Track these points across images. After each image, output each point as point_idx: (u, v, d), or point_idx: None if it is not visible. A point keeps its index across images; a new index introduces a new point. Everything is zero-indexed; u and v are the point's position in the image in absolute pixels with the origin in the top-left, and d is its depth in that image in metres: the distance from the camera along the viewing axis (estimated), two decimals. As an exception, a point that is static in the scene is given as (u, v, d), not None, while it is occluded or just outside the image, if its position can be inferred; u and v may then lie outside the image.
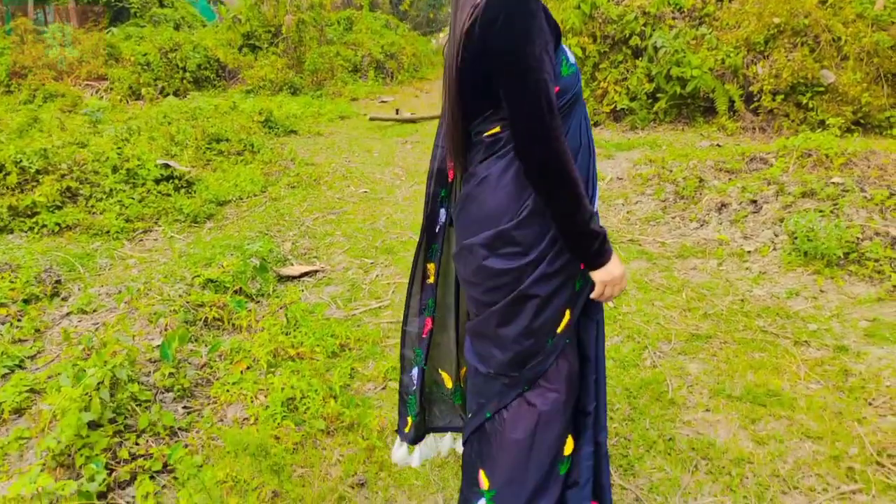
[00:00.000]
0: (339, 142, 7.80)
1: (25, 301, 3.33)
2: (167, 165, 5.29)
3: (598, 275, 1.45)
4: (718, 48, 7.48)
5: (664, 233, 4.44)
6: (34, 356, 2.86)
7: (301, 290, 3.68)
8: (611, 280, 1.45)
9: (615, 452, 2.26)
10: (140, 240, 4.50)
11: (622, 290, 1.52)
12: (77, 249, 4.17)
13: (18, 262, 3.69)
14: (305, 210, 5.16)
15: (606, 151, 6.75)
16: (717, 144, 6.68)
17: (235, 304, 3.33)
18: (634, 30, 7.84)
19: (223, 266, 3.66)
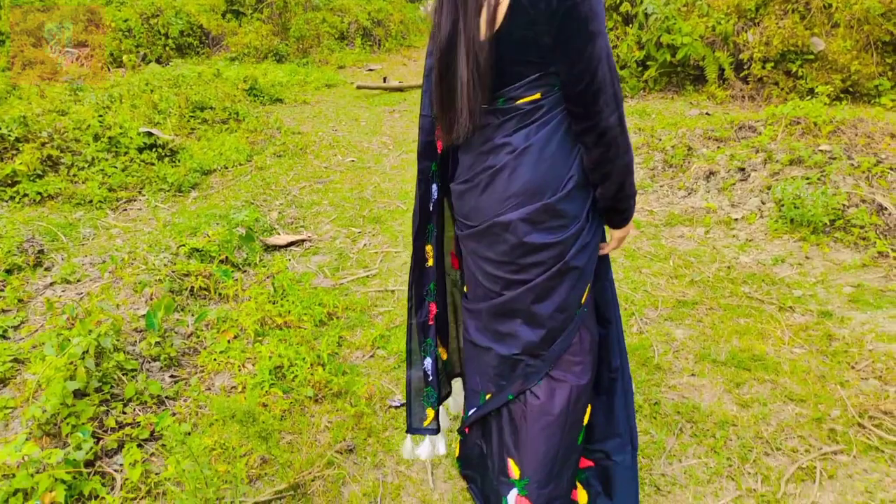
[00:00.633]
0: (326, 110, 7.69)
1: (7, 271, 3.28)
2: (150, 134, 5.20)
3: (621, 232, 1.52)
4: (709, 15, 7.40)
5: (652, 201, 4.44)
6: (17, 326, 2.83)
7: (288, 260, 3.66)
8: (627, 234, 1.54)
9: (601, 417, 2.28)
10: (124, 209, 4.43)
11: None
12: (59, 219, 4.10)
13: (0, 232, 3.64)
14: (292, 179, 5.10)
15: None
16: (707, 113, 6.65)
17: (222, 274, 3.30)
18: (625, -4, 7.73)
19: (209, 235, 3.62)
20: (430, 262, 1.64)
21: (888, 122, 4.68)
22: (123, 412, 2.25)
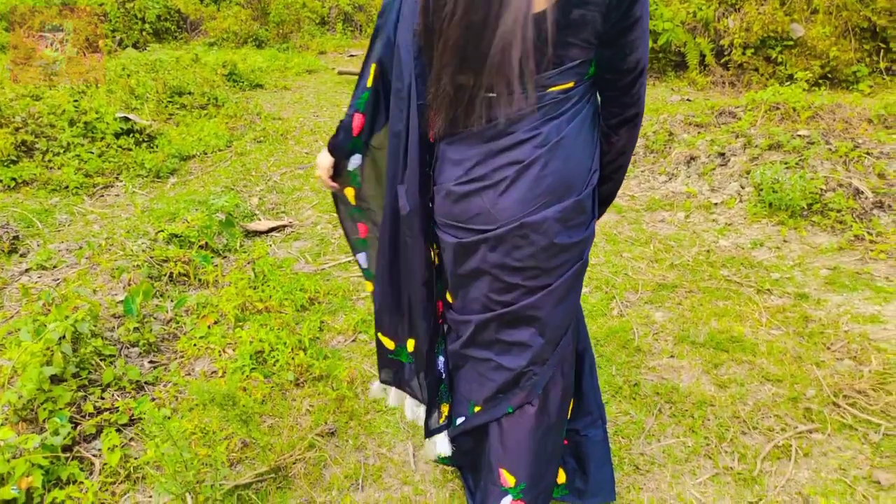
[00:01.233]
0: (307, 96, 7.61)
1: (-19, 258, 3.22)
2: (127, 119, 5.11)
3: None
4: (690, 1, 7.42)
5: (633, 186, 4.46)
6: (-8, 313, 2.78)
7: (269, 245, 3.63)
8: None
9: (582, 398, 2.30)
10: (101, 195, 4.36)
11: None
12: (35, 205, 4.03)
13: (-28, 218, 3.56)
14: (272, 165, 5.05)
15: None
16: (688, 99, 6.69)
17: (201, 259, 3.27)
18: (607, -19, 7.72)
19: (188, 221, 3.57)
20: (437, 260, 1.51)
21: (865, 108, 4.74)
22: (102, 397, 2.23)
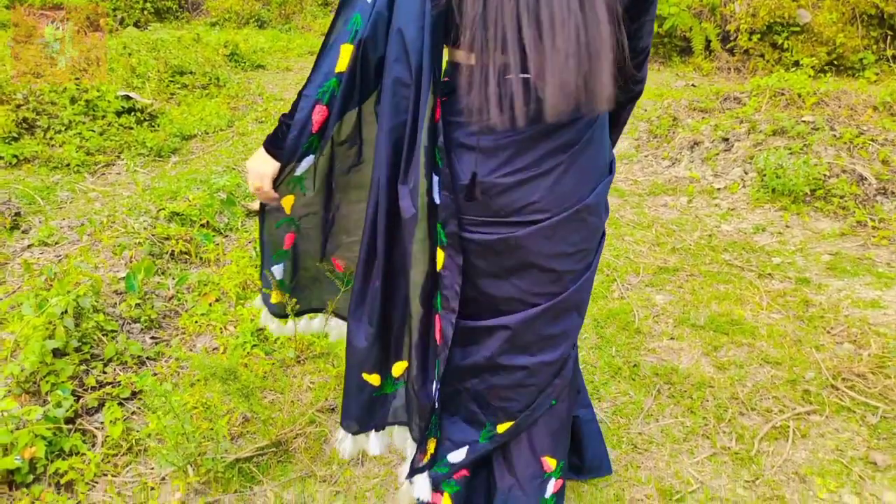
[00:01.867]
0: (310, 77, 7.57)
1: (-17, 233, 3.22)
2: (128, 97, 5.09)
3: None
4: (697, -15, 7.36)
5: (636, 171, 4.45)
6: (-6, 287, 2.79)
7: (270, 225, 3.62)
8: None
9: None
10: (102, 173, 4.36)
11: None
12: (36, 182, 4.02)
13: (-26, 194, 3.56)
14: (274, 145, 5.03)
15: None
16: (692, 84, 6.65)
17: (203, 238, 3.27)
18: (613, -35, 7.65)
19: (189, 200, 3.57)
20: (441, 266, 1.28)
21: (871, 95, 4.71)
22: (104, 372, 2.24)
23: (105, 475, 1.87)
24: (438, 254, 1.27)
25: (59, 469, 1.81)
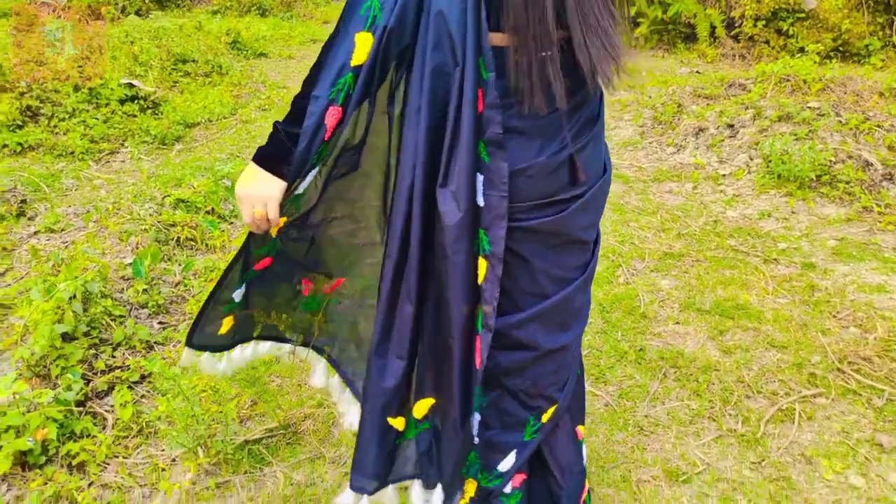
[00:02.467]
0: (312, 65, 7.55)
1: (-11, 220, 3.23)
2: (131, 85, 5.09)
3: None
4: (702, -29, 7.30)
5: (641, 157, 4.44)
6: (2, 273, 2.80)
7: (275, 212, 3.63)
8: None
9: (588, 363, 2.32)
10: (106, 161, 4.36)
11: None
12: (41, 170, 4.03)
13: (-21, 182, 3.57)
14: (278, 133, 5.03)
15: (585, 77, 6.63)
16: (697, 71, 6.61)
17: (208, 224, 3.27)
18: (617, -50, 7.59)
19: (194, 187, 3.57)
20: (482, 279, 1.15)
21: (877, 81, 4.69)
22: (112, 356, 2.26)
23: (116, 457, 1.88)
24: (480, 264, 1.14)
25: (71, 451, 1.83)
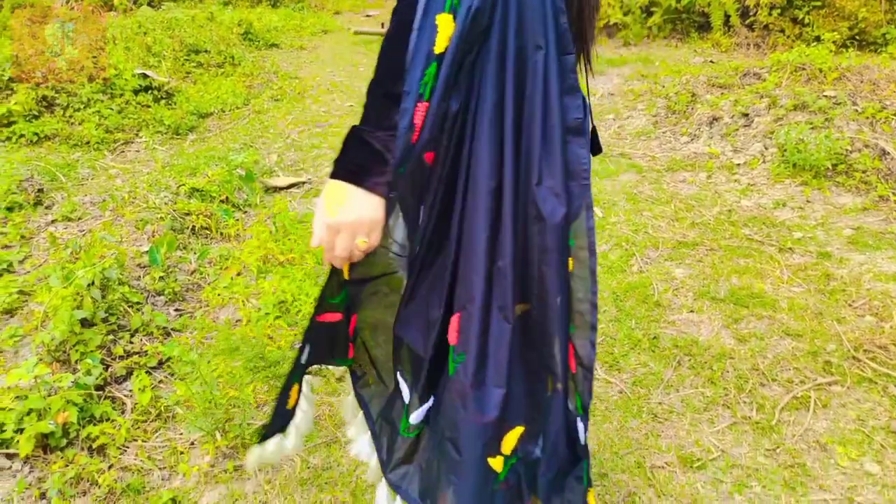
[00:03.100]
0: (323, 56, 7.55)
1: (8, 209, 3.27)
2: (145, 75, 5.12)
3: None
4: (716, -41, 7.22)
5: (654, 147, 4.41)
6: (22, 261, 2.84)
7: (289, 201, 3.65)
8: None
9: (601, 351, 2.32)
10: (121, 151, 4.39)
11: None
12: (57, 159, 4.07)
13: (-2, 171, 3.61)
14: (290, 123, 5.04)
15: (598, 67, 6.59)
16: (711, 61, 6.55)
17: (223, 213, 3.30)
18: (630, -62, 7.53)
19: (208, 176, 3.60)
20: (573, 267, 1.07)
21: (894, 70, 4.63)
22: (130, 342, 2.28)
23: (135, 440, 1.91)
24: (569, 263, 1.04)
25: (91, 434, 1.86)
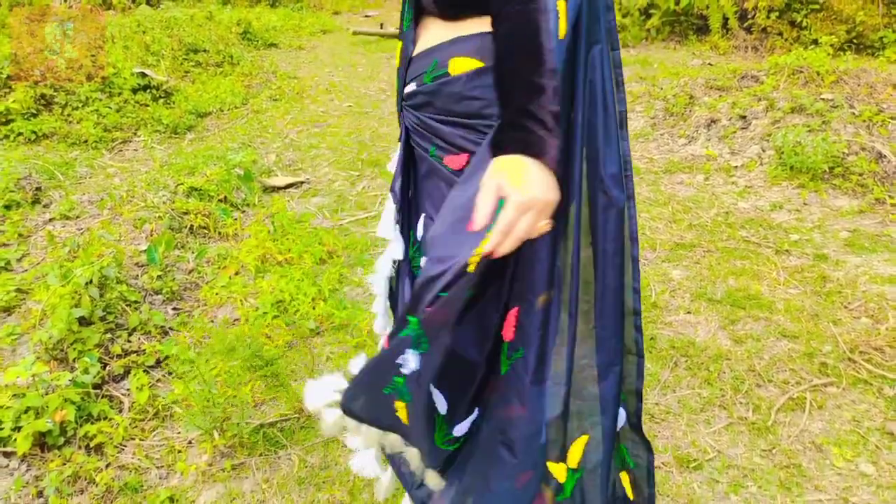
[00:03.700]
0: (322, 56, 7.56)
1: (6, 207, 3.27)
2: (144, 74, 5.11)
3: None
4: (714, -38, 7.24)
5: (652, 149, 4.43)
6: (20, 259, 2.84)
7: (287, 200, 3.65)
8: None
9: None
10: (119, 150, 4.39)
11: None
12: (56, 158, 4.06)
13: (-5, 169, 3.60)
14: (289, 123, 5.05)
15: (596, 69, 6.61)
16: (709, 63, 6.58)
17: (221, 213, 3.30)
18: (629, -59, 7.55)
19: (207, 175, 3.60)
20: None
21: (891, 73, 4.65)
22: (128, 341, 2.28)
23: (133, 439, 1.91)
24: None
25: (89, 432, 1.86)
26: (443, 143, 1.03)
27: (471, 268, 0.87)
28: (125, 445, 1.90)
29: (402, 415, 1.00)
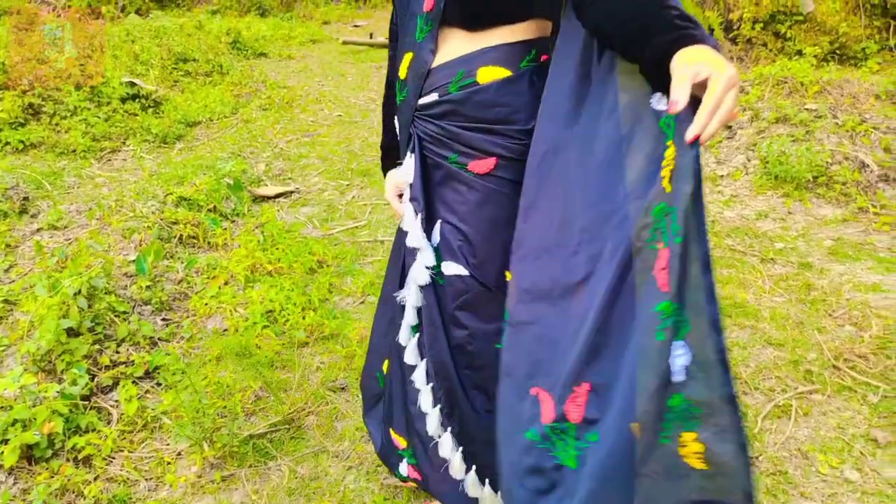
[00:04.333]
0: (312, 65, 7.57)
1: (-7, 217, 3.25)
2: (133, 83, 5.10)
3: None
4: (700, -26, 7.34)
5: (639, 158, 4.47)
6: (7, 269, 2.82)
7: (277, 210, 3.65)
8: None
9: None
10: (108, 159, 4.38)
11: None
12: (43, 167, 4.04)
13: (-18, 179, 3.58)
14: (278, 132, 5.05)
15: (584, 79, 6.67)
16: (695, 73, 6.66)
17: (210, 222, 3.30)
18: (616, -47, 7.64)
19: (196, 185, 3.59)
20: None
21: (873, 84, 4.72)
22: (117, 351, 2.28)
23: (121, 451, 1.91)
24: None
25: (77, 444, 1.85)
26: (467, 150, 1.08)
27: (665, 182, 0.88)
28: (114, 457, 1.89)
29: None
